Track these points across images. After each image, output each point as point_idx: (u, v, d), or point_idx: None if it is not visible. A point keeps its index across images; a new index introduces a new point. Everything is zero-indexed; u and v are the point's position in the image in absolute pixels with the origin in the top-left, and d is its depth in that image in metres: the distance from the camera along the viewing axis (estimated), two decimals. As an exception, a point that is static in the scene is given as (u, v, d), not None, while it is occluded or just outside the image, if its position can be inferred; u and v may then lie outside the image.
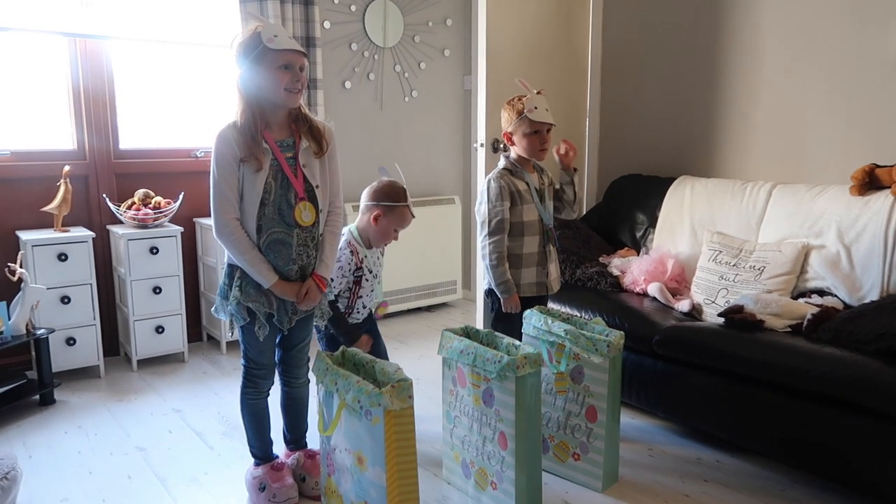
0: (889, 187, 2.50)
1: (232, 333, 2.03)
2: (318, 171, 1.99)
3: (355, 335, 2.29)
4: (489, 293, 2.51)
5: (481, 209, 2.44)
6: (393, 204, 2.26)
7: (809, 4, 2.89)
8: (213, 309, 2.06)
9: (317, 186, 1.97)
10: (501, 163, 2.48)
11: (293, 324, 2.03)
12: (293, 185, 1.92)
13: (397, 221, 2.28)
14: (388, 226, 2.27)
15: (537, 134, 2.38)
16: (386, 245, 2.36)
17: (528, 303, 2.42)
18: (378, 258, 2.39)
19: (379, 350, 2.47)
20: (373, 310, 2.45)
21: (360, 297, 2.34)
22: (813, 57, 2.90)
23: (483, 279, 2.58)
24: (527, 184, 2.44)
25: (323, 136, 2.00)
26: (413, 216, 2.32)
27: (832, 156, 2.87)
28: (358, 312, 2.37)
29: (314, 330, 2.31)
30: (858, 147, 2.77)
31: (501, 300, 2.43)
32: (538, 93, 2.41)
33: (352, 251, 2.28)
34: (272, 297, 1.97)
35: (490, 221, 2.40)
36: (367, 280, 2.33)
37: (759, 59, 3.08)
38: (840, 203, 2.61)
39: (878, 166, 2.56)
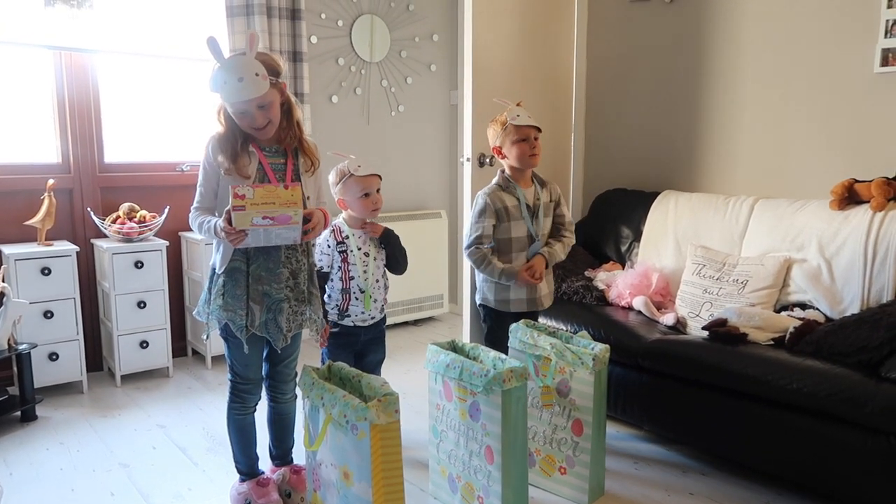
0: (868, 202, 2.54)
1: (207, 336, 2.03)
2: (310, 186, 2.02)
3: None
4: (481, 307, 2.53)
5: (467, 224, 2.50)
6: (340, 183, 2.33)
7: (790, 22, 2.95)
8: (195, 312, 2.05)
9: (307, 198, 1.99)
10: (495, 178, 2.51)
11: (289, 341, 2.02)
12: None
13: (355, 191, 2.31)
14: (353, 199, 2.32)
15: (525, 140, 2.43)
16: (373, 213, 2.35)
17: (518, 319, 2.41)
18: (368, 240, 2.38)
19: (374, 360, 2.47)
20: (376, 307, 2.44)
21: (353, 277, 2.34)
22: (793, 73, 2.96)
23: (472, 292, 2.60)
24: (517, 199, 2.47)
25: (314, 154, 2.02)
26: (365, 174, 2.32)
27: (813, 171, 2.92)
28: (356, 298, 2.35)
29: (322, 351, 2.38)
30: (838, 162, 2.82)
31: (515, 284, 2.44)
32: (518, 104, 2.48)
33: (332, 230, 2.35)
34: (255, 313, 1.95)
35: (470, 235, 2.48)
36: (354, 255, 2.34)
37: (741, 76, 3.13)
38: (821, 217, 2.65)
39: (857, 181, 2.60)
